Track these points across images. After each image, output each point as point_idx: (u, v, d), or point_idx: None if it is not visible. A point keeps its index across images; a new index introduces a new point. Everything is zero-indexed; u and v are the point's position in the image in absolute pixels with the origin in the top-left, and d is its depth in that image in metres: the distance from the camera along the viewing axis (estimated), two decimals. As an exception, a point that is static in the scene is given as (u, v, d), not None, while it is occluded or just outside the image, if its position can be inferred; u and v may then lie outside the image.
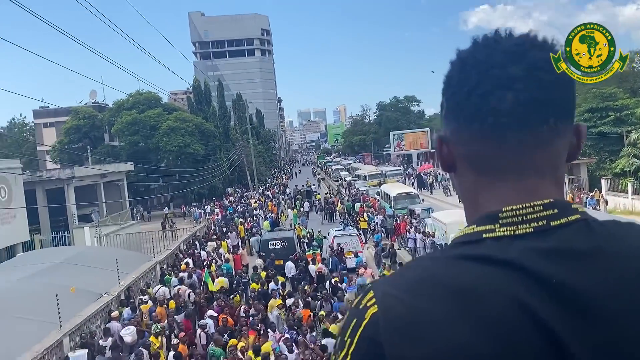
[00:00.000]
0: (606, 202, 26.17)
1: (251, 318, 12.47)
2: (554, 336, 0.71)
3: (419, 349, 0.72)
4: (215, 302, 14.40)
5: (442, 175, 51.33)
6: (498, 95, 0.81)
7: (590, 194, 26.75)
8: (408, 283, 0.78)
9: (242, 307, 13.86)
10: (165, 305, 14.03)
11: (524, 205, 0.80)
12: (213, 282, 16.66)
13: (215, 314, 13.23)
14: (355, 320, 0.80)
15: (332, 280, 16.27)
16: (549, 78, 0.82)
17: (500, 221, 0.80)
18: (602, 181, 29.49)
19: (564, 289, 0.73)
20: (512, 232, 0.79)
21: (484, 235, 0.80)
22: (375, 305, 0.78)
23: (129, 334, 11.99)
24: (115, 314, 13.37)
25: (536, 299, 0.72)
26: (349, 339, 0.79)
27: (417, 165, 69.43)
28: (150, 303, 14.25)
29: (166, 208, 43.86)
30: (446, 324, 0.72)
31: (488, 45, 0.85)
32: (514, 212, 0.80)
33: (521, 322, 0.72)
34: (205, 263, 19.63)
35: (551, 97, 0.82)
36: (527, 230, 0.79)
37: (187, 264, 19.08)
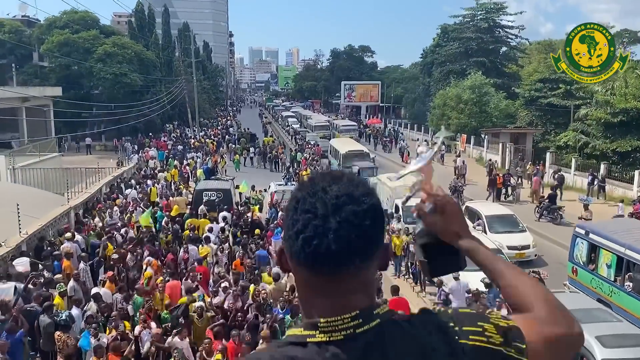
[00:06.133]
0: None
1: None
2: None
3: None
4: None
5: (402, 134, 50.30)
6: (317, 242, 1.01)
7: (538, 167, 26.43)
8: None
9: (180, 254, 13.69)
10: (74, 257, 12.55)
11: (336, 318, 1.04)
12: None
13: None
14: None
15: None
16: (357, 232, 1.02)
17: (319, 329, 1.04)
18: (547, 154, 29.42)
19: None
20: (327, 339, 1.03)
21: (307, 340, 1.04)
22: None
23: (21, 263, 11.41)
24: (68, 235, 13.17)
25: None
26: None
27: (366, 118, 68.30)
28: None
29: (88, 139, 40.52)
30: None
31: (315, 194, 1.04)
32: (329, 323, 1.04)
33: None
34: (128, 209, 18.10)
35: (357, 246, 1.03)
36: (339, 337, 1.03)
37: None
